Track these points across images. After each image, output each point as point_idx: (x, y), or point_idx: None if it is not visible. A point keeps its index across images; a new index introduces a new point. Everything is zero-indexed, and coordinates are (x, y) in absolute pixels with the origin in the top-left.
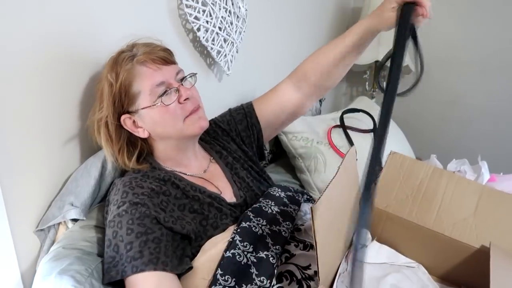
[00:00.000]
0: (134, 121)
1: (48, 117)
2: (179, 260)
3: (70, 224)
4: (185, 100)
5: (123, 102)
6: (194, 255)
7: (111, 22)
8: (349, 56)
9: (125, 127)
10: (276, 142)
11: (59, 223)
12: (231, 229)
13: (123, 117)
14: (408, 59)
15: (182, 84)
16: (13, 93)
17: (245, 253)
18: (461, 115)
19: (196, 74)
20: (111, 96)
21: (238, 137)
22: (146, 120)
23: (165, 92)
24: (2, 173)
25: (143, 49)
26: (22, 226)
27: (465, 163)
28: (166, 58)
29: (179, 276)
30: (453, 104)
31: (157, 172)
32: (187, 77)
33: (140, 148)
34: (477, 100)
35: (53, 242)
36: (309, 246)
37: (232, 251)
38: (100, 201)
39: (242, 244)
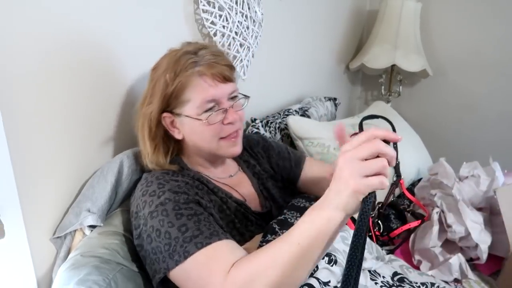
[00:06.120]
0: (173, 121)
1: (67, 124)
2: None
3: (87, 231)
4: (228, 123)
5: (171, 102)
6: None
7: (128, 27)
8: None
9: (163, 123)
10: (292, 148)
11: (75, 230)
12: (257, 238)
13: (164, 114)
14: (426, 63)
15: (232, 106)
16: (31, 100)
17: None
18: (479, 119)
19: (249, 97)
20: (163, 93)
21: (269, 163)
22: (185, 127)
23: (212, 108)
24: (20, 180)
25: (208, 58)
26: (38, 233)
27: (477, 166)
28: (226, 75)
29: None
30: (471, 107)
31: (186, 172)
32: (240, 98)
33: (172, 148)
34: (495, 103)
35: (69, 249)
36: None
37: None
38: (117, 206)
39: None
